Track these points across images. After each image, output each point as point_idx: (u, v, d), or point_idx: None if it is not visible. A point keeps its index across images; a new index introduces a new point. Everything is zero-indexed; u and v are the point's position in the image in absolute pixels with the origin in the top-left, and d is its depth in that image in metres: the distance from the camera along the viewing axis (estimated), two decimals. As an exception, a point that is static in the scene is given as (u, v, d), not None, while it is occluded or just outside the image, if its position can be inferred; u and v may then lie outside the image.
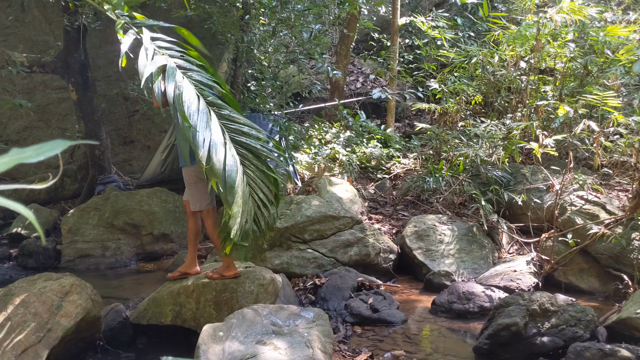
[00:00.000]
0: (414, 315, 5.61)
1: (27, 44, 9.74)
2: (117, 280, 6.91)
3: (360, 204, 8.09)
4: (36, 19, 9.96)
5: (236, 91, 10.32)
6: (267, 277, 4.87)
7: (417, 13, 11.51)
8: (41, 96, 9.77)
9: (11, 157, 0.51)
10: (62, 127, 9.75)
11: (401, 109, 12.55)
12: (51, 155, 0.51)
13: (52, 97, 9.91)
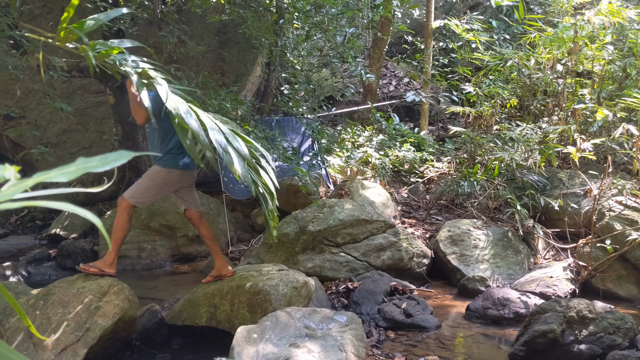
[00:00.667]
0: (448, 320, 5.56)
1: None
2: (153, 281, 7.01)
3: (393, 208, 8.07)
4: (76, 24, 10.18)
5: (269, 95, 10.41)
6: (300, 280, 4.88)
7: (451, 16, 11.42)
8: (80, 100, 9.99)
9: (78, 166, 0.53)
10: (99, 130, 9.95)
11: (435, 112, 12.47)
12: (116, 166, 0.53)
13: (90, 100, 10.12)
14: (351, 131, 9.88)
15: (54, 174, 0.53)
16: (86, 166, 0.53)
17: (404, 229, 7.31)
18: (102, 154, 0.56)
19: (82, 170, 0.52)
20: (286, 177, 8.36)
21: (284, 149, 7.49)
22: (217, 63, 10.20)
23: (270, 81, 10.12)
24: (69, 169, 0.53)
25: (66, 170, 0.53)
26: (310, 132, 8.25)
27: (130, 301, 4.40)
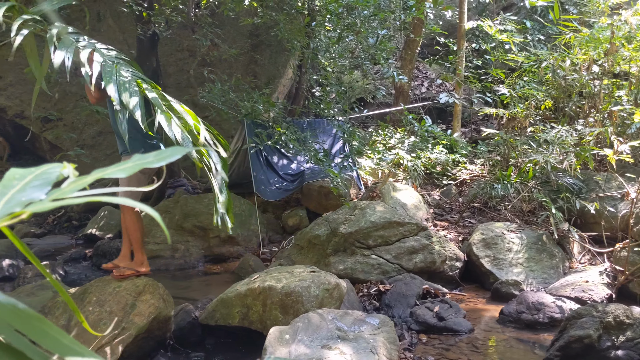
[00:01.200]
0: (481, 324, 5.49)
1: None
2: (186, 281, 7.09)
3: (425, 211, 8.01)
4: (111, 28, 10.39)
5: (300, 97, 10.45)
6: (332, 282, 4.89)
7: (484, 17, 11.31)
8: (115, 102, 10.17)
9: (134, 162, 0.55)
10: (134, 133, 10.11)
11: (467, 114, 12.36)
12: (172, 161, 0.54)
13: (125, 103, 10.30)
14: (383, 133, 9.85)
15: (112, 170, 0.54)
16: (143, 162, 0.55)
17: (437, 231, 7.25)
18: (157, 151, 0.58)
19: (140, 166, 0.54)
20: (317, 179, 8.38)
21: (315, 150, 7.50)
22: (250, 66, 10.29)
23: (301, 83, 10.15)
24: (126, 165, 0.54)
25: (124, 166, 0.54)
26: (341, 134, 8.25)
27: (165, 301, 4.46)
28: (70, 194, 0.51)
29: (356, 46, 8.67)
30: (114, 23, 10.28)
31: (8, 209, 0.49)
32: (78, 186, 0.52)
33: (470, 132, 12.29)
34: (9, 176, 0.55)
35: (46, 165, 0.59)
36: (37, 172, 0.56)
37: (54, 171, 0.57)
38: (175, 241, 7.85)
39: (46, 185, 0.54)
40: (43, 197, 0.52)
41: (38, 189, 0.53)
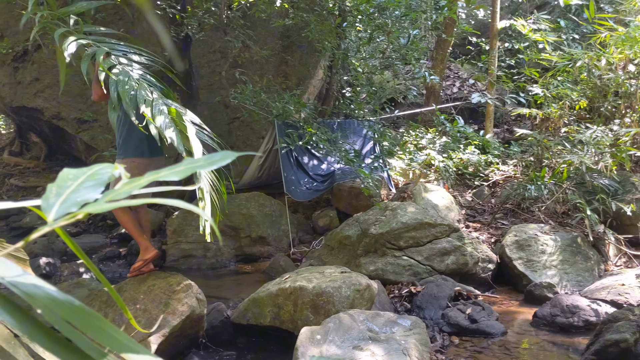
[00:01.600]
0: (514, 327, 5.42)
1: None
2: (217, 280, 7.16)
3: (456, 212, 7.94)
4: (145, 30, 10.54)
5: (331, 97, 10.45)
6: (363, 283, 4.88)
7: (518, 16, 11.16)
8: (148, 104, 10.32)
9: (186, 165, 0.56)
10: (167, 133, 10.24)
11: (500, 114, 12.21)
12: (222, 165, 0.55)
13: (158, 104, 10.44)
14: (414, 133, 9.79)
15: (165, 173, 0.55)
16: (194, 165, 0.56)
17: (469, 233, 7.18)
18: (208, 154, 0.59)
19: (191, 170, 0.55)
20: (347, 179, 8.38)
21: (345, 151, 7.50)
22: (280, 67, 10.34)
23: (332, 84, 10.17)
24: (178, 168, 0.56)
25: (176, 169, 0.55)
26: (372, 134, 8.23)
27: (199, 299, 4.51)
28: (125, 195, 0.52)
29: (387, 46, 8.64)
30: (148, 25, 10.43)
31: (65, 210, 0.51)
32: (132, 188, 0.53)
33: (503, 133, 12.15)
34: (62, 177, 0.57)
35: (97, 165, 0.60)
36: (90, 173, 0.58)
37: (105, 172, 0.58)
38: (206, 241, 7.92)
39: (100, 186, 0.55)
40: (97, 198, 0.53)
41: (92, 190, 0.54)
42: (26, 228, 9.97)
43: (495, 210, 8.16)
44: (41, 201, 0.53)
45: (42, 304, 0.47)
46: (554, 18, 11.37)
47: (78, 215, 0.51)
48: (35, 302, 0.47)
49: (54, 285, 2.71)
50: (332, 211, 8.58)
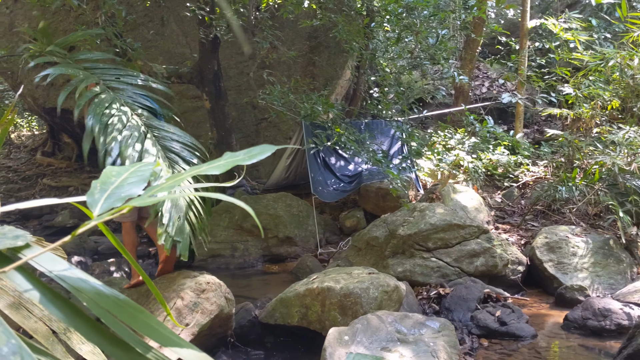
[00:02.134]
0: (544, 330, 5.35)
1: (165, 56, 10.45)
2: (245, 280, 7.20)
3: (486, 213, 7.86)
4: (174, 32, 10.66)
5: (358, 98, 10.44)
6: (391, 285, 4.86)
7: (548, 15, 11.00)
8: (178, 105, 10.42)
9: (226, 160, 0.56)
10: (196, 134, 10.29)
11: (530, 114, 12.05)
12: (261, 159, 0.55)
13: (187, 105, 10.56)
14: (443, 135, 9.72)
15: (206, 167, 0.56)
16: (234, 160, 0.56)
17: (498, 234, 7.10)
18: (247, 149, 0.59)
19: (231, 164, 0.55)
20: (374, 180, 8.35)
21: (373, 152, 7.48)
22: (308, 67, 10.36)
23: (359, 84, 10.15)
24: (219, 162, 0.56)
25: (217, 164, 0.56)
26: (400, 134, 8.19)
27: (227, 299, 4.54)
28: (168, 190, 0.52)
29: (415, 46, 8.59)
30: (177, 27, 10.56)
31: (110, 204, 0.52)
32: (174, 183, 0.54)
33: (533, 133, 11.99)
34: (106, 173, 0.58)
35: (139, 163, 0.61)
36: (132, 170, 0.58)
37: (147, 169, 0.59)
38: (234, 240, 7.98)
39: (142, 182, 0.56)
40: (140, 193, 0.54)
41: (135, 185, 0.55)
42: (59, 227, 10.16)
43: (525, 212, 8.05)
44: (86, 197, 0.53)
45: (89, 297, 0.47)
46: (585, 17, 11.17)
47: (123, 210, 0.51)
48: (81, 296, 0.48)
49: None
50: (359, 212, 8.56)
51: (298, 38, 10.26)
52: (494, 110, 12.52)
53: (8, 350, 0.37)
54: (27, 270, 0.51)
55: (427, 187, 8.79)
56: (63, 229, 10.07)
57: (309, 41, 10.34)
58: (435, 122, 11.71)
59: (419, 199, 8.39)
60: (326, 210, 9.11)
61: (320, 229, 8.25)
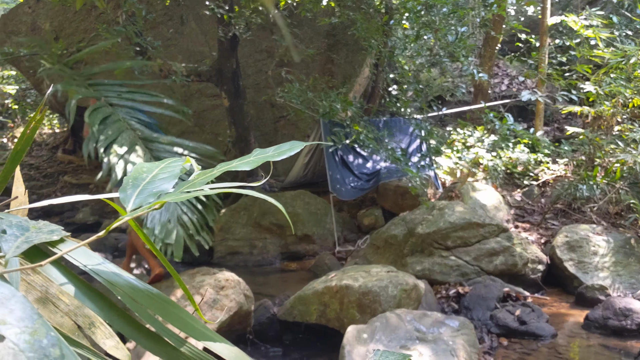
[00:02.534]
0: (564, 329, 5.30)
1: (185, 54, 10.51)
2: (263, 277, 7.22)
3: (505, 212, 7.80)
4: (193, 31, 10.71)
5: (377, 95, 10.40)
6: (410, 283, 4.85)
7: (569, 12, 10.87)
8: (197, 103, 10.48)
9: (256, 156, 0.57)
10: (214, 132, 10.40)
11: (550, 112, 11.92)
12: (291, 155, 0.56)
13: (206, 104, 10.60)
14: (462, 132, 9.66)
15: (237, 164, 0.56)
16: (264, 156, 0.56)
17: (518, 233, 7.05)
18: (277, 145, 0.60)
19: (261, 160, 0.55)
20: (393, 178, 8.33)
21: (392, 150, 7.46)
22: (326, 65, 10.35)
23: (378, 82, 10.12)
24: (249, 159, 0.56)
25: (247, 160, 0.56)
26: (418, 132, 8.15)
27: (246, 296, 4.57)
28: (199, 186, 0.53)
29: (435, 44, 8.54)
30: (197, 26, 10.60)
31: (142, 200, 0.52)
32: (205, 179, 0.54)
33: (553, 131, 11.87)
34: (137, 169, 0.59)
35: (169, 159, 0.62)
36: (162, 166, 0.59)
37: (177, 165, 0.60)
38: (253, 238, 8.01)
39: (173, 178, 0.56)
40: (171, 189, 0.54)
41: (166, 181, 0.56)
42: (79, 224, 10.28)
43: (545, 211, 7.98)
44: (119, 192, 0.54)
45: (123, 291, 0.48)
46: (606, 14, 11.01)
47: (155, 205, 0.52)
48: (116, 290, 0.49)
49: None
50: (378, 210, 8.54)
51: (316, 36, 10.25)
52: (513, 108, 12.42)
53: (47, 342, 0.38)
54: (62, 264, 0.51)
55: (446, 185, 8.74)
56: (84, 226, 10.19)
57: (327, 39, 10.33)
58: (454, 119, 11.64)
59: (438, 197, 8.35)
60: (344, 208, 9.10)
61: (338, 227, 8.24)
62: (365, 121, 7.92)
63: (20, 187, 0.96)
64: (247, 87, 9.59)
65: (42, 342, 0.38)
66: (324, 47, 10.22)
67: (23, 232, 0.51)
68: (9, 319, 0.38)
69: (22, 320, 0.38)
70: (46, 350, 0.37)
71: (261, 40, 10.15)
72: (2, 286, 0.40)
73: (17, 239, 0.50)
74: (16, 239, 0.50)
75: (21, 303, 0.39)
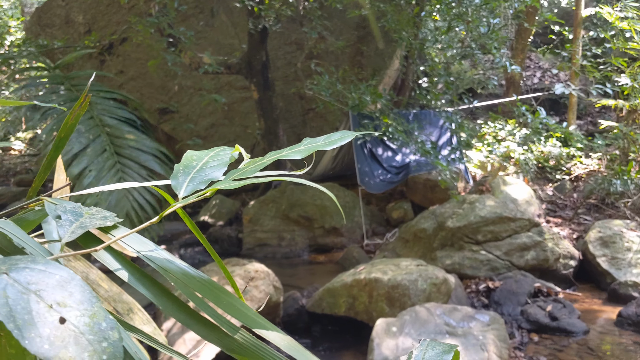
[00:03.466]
0: (596, 326, 5.22)
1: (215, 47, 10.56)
2: (292, 269, 7.25)
3: (536, 206, 7.69)
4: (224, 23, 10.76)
5: (406, 88, 10.33)
6: (440, 277, 4.82)
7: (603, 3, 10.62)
8: (226, 96, 10.52)
9: (306, 145, 0.57)
10: (244, 125, 10.45)
11: (583, 105, 11.70)
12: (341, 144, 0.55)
13: (235, 96, 10.65)
14: (493, 125, 9.53)
15: (287, 152, 0.56)
16: (314, 145, 0.56)
17: (549, 228, 6.94)
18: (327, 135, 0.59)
19: (311, 149, 0.55)
20: (423, 171, 8.27)
21: (422, 142, 7.40)
22: (356, 57, 10.31)
23: (408, 74, 10.04)
24: (299, 147, 0.56)
25: (297, 148, 0.56)
26: (449, 125, 8.07)
27: (275, 287, 4.59)
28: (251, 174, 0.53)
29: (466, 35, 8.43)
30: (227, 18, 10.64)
31: (194, 187, 0.52)
32: (256, 167, 0.54)
33: (586, 125, 11.65)
34: (187, 157, 0.59)
35: (217, 148, 0.62)
36: (212, 154, 0.59)
37: (225, 153, 0.60)
38: (281, 230, 8.04)
39: (223, 166, 0.57)
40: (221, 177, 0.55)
41: (216, 169, 0.56)
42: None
43: (578, 206, 7.85)
44: (171, 180, 0.55)
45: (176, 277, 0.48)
46: (643, 5, 10.74)
47: (207, 193, 0.52)
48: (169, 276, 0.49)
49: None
50: (407, 203, 8.50)
51: (346, 28, 10.20)
52: (545, 101, 12.22)
53: (106, 325, 0.38)
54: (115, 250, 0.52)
55: (476, 179, 8.65)
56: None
57: (357, 31, 10.28)
58: (485, 112, 11.49)
59: (468, 190, 8.27)
60: (373, 201, 9.08)
61: (367, 220, 8.23)
62: (395, 113, 7.86)
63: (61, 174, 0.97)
64: (276, 79, 9.61)
65: (102, 325, 0.38)
66: (353, 39, 10.17)
67: (77, 218, 0.52)
68: (69, 302, 0.38)
69: (82, 303, 0.39)
70: (105, 333, 0.38)
71: (291, 33, 10.15)
72: (61, 269, 0.41)
73: (71, 225, 0.51)
74: (71, 225, 0.51)
75: (80, 286, 0.40)
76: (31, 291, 0.38)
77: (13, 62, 8.69)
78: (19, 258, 0.40)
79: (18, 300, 0.37)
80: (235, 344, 0.48)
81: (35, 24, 11.53)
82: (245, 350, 0.47)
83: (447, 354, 0.56)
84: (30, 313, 0.36)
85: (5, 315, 0.35)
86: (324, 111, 9.62)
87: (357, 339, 4.73)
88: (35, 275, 0.39)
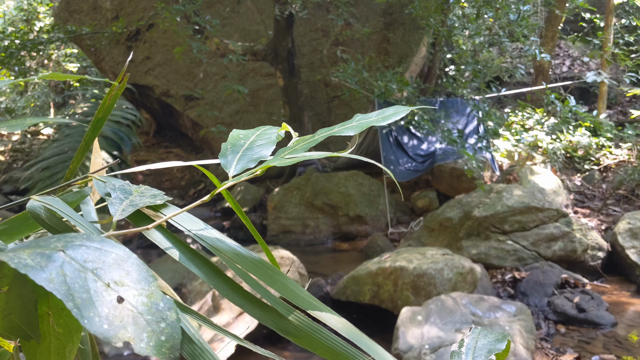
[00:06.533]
0: (625, 318, 5.14)
1: (241, 33, 10.57)
2: (316, 257, 7.26)
3: (564, 196, 7.58)
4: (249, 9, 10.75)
5: (433, 75, 10.23)
6: (466, 266, 4.78)
7: (637, -11, 10.37)
8: (252, 82, 10.54)
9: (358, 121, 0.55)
10: (269, 112, 10.45)
11: (613, 94, 11.47)
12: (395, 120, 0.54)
13: (261, 83, 10.66)
14: (521, 113, 9.40)
15: (339, 129, 0.55)
16: (366, 121, 0.55)
17: (577, 218, 6.84)
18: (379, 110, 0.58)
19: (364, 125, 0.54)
20: (449, 160, 8.19)
21: (448, 131, 7.33)
22: (382, 44, 10.23)
23: (435, 62, 9.94)
24: (351, 124, 0.55)
25: (349, 125, 0.55)
26: (476, 113, 7.97)
27: (300, 274, 4.60)
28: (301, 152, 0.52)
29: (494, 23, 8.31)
30: (253, 5, 10.63)
31: (243, 166, 0.51)
32: (307, 144, 0.53)
33: (616, 115, 11.42)
34: (234, 136, 0.58)
35: (263, 127, 0.61)
36: (258, 132, 0.58)
37: (272, 132, 0.59)
38: (305, 217, 8.05)
39: (271, 144, 0.56)
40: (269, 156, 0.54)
41: (265, 147, 0.55)
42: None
43: (607, 196, 7.71)
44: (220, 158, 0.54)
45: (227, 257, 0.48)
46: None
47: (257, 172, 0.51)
48: (221, 255, 0.48)
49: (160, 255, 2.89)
50: (432, 192, 8.44)
51: (372, 15, 10.12)
52: (574, 90, 12.00)
53: (164, 305, 0.37)
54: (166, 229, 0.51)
55: (503, 169, 8.55)
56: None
57: (383, 18, 10.19)
58: (513, 101, 11.33)
59: (495, 180, 8.18)
60: (397, 190, 9.03)
61: (392, 208, 8.19)
62: (421, 101, 7.79)
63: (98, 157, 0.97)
64: (301, 66, 9.59)
65: (159, 305, 0.37)
66: (380, 26, 10.09)
67: (127, 196, 0.51)
68: (126, 281, 0.38)
69: (139, 282, 0.38)
70: (163, 313, 0.37)
71: (317, 19, 10.11)
72: (117, 247, 0.40)
73: (122, 202, 0.50)
74: (121, 202, 0.50)
75: (137, 265, 0.39)
76: (88, 269, 0.37)
77: (42, 47, 8.78)
78: (74, 235, 0.40)
79: (76, 278, 0.36)
80: (290, 326, 0.47)
81: (64, 10, 11.64)
82: (301, 332, 0.46)
83: (500, 342, 0.54)
84: (88, 292, 0.36)
85: (64, 294, 0.35)
86: (350, 99, 9.58)
87: (381, 327, 4.73)
88: (91, 253, 0.38)
